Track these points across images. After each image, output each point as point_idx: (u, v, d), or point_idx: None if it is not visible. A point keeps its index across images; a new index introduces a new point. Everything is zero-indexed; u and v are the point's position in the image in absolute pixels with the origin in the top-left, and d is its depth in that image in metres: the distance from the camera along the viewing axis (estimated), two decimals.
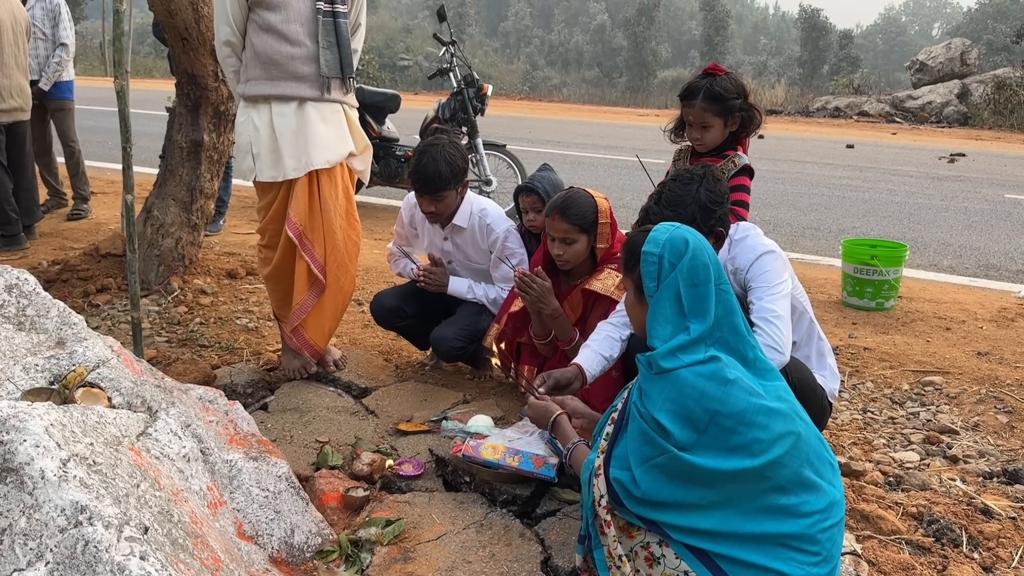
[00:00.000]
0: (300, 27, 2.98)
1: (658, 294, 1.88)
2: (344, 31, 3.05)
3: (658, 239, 1.93)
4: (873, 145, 13.68)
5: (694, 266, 1.88)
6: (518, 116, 17.63)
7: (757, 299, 2.43)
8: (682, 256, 1.89)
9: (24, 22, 5.31)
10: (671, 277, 1.87)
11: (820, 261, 6.02)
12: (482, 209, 3.36)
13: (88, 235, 5.72)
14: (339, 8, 3.03)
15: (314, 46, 3.01)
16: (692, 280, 1.87)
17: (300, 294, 3.19)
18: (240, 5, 2.98)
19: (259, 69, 3.02)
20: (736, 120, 3.03)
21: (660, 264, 1.89)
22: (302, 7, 2.99)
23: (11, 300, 2.14)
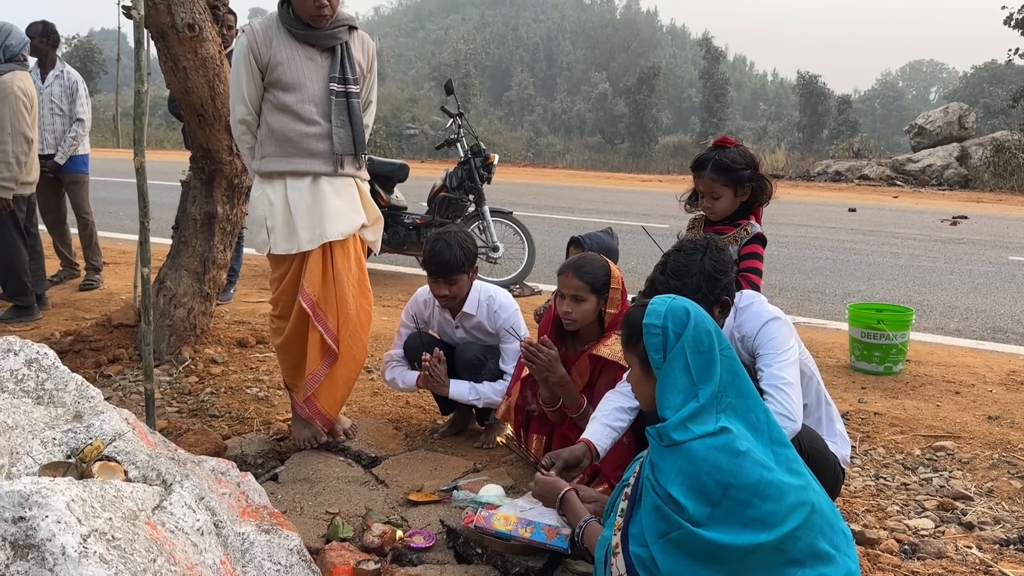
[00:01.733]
0: (314, 107, 3.09)
1: (666, 365, 1.90)
2: (356, 110, 3.16)
3: (658, 311, 1.96)
4: (875, 208, 13.81)
5: (698, 334, 1.91)
6: (523, 182, 17.89)
7: (766, 366, 2.45)
8: (685, 325, 1.92)
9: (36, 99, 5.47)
10: (678, 347, 1.90)
11: (827, 325, 6.04)
12: (489, 296, 3.47)
13: (100, 305, 5.78)
14: (351, 88, 3.14)
15: (328, 125, 3.11)
16: (697, 348, 1.90)
17: (313, 364, 3.22)
18: (256, 86, 3.09)
19: (274, 146, 3.11)
20: (746, 190, 3.11)
21: (664, 335, 1.92)
22: (316, 88, 3.09)
23: (31, 374, 2.17)
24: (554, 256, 8.30)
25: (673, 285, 2.42)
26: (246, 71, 3.07)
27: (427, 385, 3.44)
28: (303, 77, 3.07)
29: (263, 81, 3.09)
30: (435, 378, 3.38)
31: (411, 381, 3.51)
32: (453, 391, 3.40)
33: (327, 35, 3.09)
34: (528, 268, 7.14)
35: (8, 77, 5.05)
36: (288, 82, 3.05)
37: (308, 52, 3.10)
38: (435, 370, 3.37)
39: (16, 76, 5.08)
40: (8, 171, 5.04)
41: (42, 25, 6.10)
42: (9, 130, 5.02)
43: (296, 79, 3.06)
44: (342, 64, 3.13)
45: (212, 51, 4.06)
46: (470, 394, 3.40)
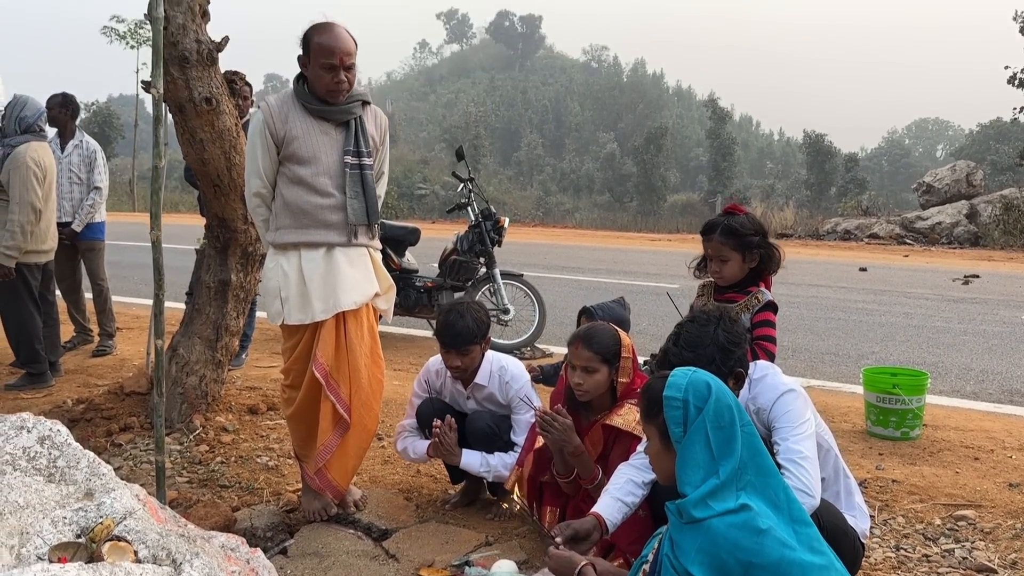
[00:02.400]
0: (329, 179, 3.14)
1: (686, 439, 1.88)
2: (370, 181, 3.21)
3: (679, 384, 1.95)
4: (886, 268, 13.80)
5: (719, 409, 1.90)
6: (533, 242, 18.00)
7: (783, 440, 2.43)
8: (706, 400, 1.91)
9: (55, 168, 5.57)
10: (698, 421, 1.88)
11: (842, 388, 5.98)
12: (501, 367, 3.47)
13: (112, 371, 5.79)
14: (365, 161, 3.20)
15: (342, 196, 3.16)
16: (718, 423, 1.88)
17: (324, 435, 3.21)
18: (272, 159, 3.15)
19: (289, 218, 3.16)
20: (755, 257, 3.13)
21: (685, 409, 1.91)
22: (331, 161, 3.15)
23: (43, 451, 2.17)
24: (565, 318, 8.30)
25: (687, 357, 2.42)
26: (262, 145, 3.13)
27: (438, 454, 3.41)
28: (318, 151, 3.13)
29: (279, 155, 3.15)
30: (446, 447, 3.35)
31: (422, 451, 3.49)
32: (464, 461, 3.37)
33: (342, 110, 3.16)
34: (539, 330, 7.14)
35: (22, 148, 5.17)
36: (303, 156, 3.11)
37: (323, 126, 3.16)
38: (446, 438, 3.34)
39: (30, 147, 5.20)
40: (12, 240, 5.11)
41: (61, 96, 6.26)
42: (17, 199, 5.11)
43: (311, 153, 3.12)
44: (356, 137, 3.19)
45: (229, 123, 4.14)
46: (481, 466, 3.37)
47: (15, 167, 5.13)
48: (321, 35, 3.05)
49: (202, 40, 3.97)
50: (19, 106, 5.29)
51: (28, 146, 5.19)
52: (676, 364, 2.45)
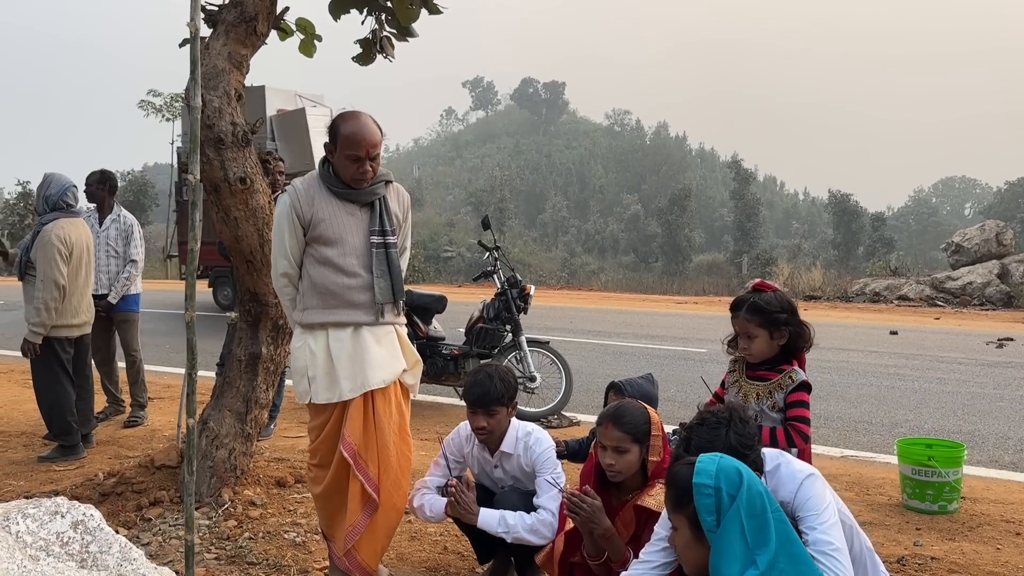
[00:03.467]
0: (355, 259, 3.21)
1: (721, 530, 1.85)
2: (395, 260, 3.28)
3: (708, 470, 1.92)
4: (917, 331, 13.62)
5: (751, 496, 1.87)
6: (558, 306, 18.02)
7: (810, 530, 2.37)
8: (739, 487, 1.88)
9: (91, 243, 5.71)
10: (732, 510, 1.85)
11: (876, 459, 5.86)
12: (527, 432, 3.46)
13: (143, 442, 5.84)
14: (390, 239, 3.28)
15: (369, 276, 3.22)
16: (751, 510, 1.85)
17: (353, 515, 3.20)
18: (299, 241, 3.23)
19: (316, 299, 3.22)
20: (783, 334, 3.12)
21: (717, 496, 1.88)
22: (357, 241, 3.23)
23: (76, 537, 2.19)
24: (591, 384, 8.27)
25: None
26: (289, 228, 3.22)
27: (455, 512, 3.36)
28: (344, 232, 3.21)
29: (305, 237, 3.23)
30: (463, 504, 3.30)
31: (439, 509, 3.42)
32: (482, 520, 3.29)
33: (366, 192, 3.26)
34: (566, 398, 7.11)
35: (49, 227, 5.35)
36: (330, 237, 3.19)
37: (348, 208, 3.25)
38: (462, 496, 3.30)
39: (57, 224, 5.36)
40: (38, 316, 5.23)
41: (100, 174, 6.47)
42: (42, 277, 5.26)
43: (338, 234, 3.20)
44: (381, 217, 3.27)
45: (262, 202, 4.25)
46: (499, 525, 3.28)
47: (41, 245, 5.31)
48: (347, 126, 3.15)
49: (237, 123, 4.11)
50: (45, 185, 5.51)
51: (55, 224, 5.36)
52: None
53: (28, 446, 5.74)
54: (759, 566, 1.80)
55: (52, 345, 5.38)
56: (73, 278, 5.43)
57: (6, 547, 2.02)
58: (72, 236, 5.43)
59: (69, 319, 5.42)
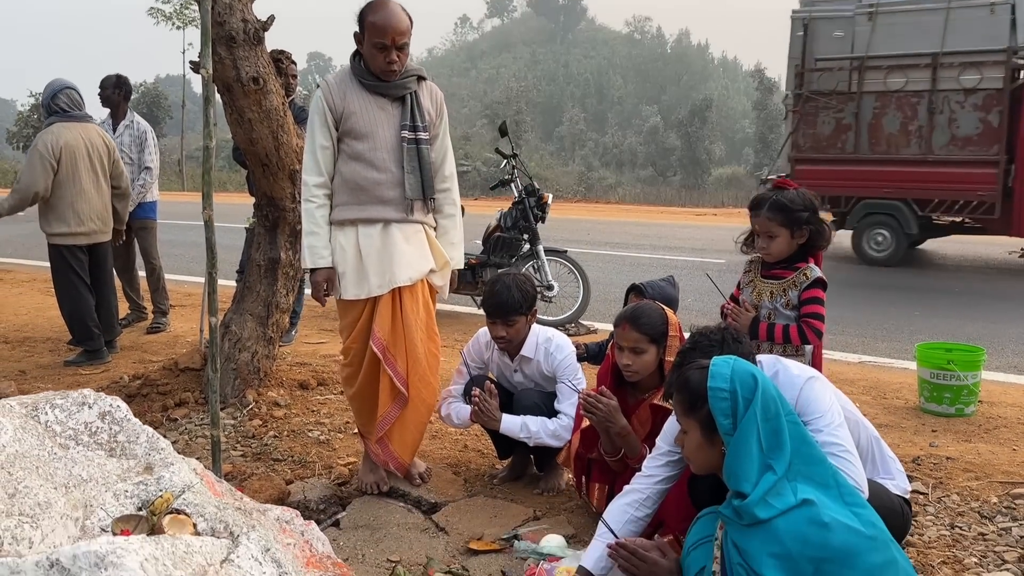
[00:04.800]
0: (386, 154, 3.18)
1: (738, 433, 1.83)
2: (426, 156, 3.23)
3: (723, 374, 1.90)
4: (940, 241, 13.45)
5: (766, 400, 1.86)
6: (576, 218, 17.92)
7: (816, 432, 2.36)
8: (754, 391, 1.86)
9: (104, 148, 5.58)
10: (749, 414, 1.84)
11: (894, 364, 5.87)
12: (547, 338, 3.47)
13: (166, 348, 5.93)
14: (421, 135, 3.22)
15: (399, 172, 3.19)
16: (766, 414, 1.85)
17: (384, 406, 3.28)
18: (331, 137, 3.20)
19: (347, 195, 3.20)
20: (804, 233, 3.07)
21: (734, 400, 1.86)
22: (388, 135, 3.19)
23: (104, 427, 2.23)
24: (609, 294, 8.27)
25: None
26: (320, 122, 3.18)
27: (478, 419, 3.42)
28: (375, 126, 3.17)
29: (337, 131, 3.18)
30: (486, 412, 3.36)
31: (465, 416, 3.50)
32: (504, 426, 3.36)
33: (397, 86, 3.19)
34: (584, 307, 7.12)
35: (41, 134, 5.37)
36: (361, 131, 3.15)
37: (379, 102, 3.20)
38: (485, 404, 3.35)
39: (48, 131, 5.34)
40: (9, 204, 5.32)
41: (115, 78, 6.38)
42: (19, 179, 5.29)
43: (369, 128, 3.16)
44: (412, 112, 3.22)
45: (276, 103, 4.18)
46: (521, 431, 3.36)
47: (29, 151, 5.33)
48: (375, 14, 3.07)
49: (248, 19, 4.00)
50: (43, 92, 5.46)
51: (48, 130, 5.35)
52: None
53: (54, 351, 5.85)
54: (776, 471, 1.80)
55: (63, 253, 5.41)
56: (69, 183, 5.35)
57: (36, 435, 2.06)
58: (63, 141, 5.33)
59: (75, 227, 5.41)
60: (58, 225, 5.37)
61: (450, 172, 3.43)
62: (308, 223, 3.23)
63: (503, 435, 3.44)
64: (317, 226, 3.22)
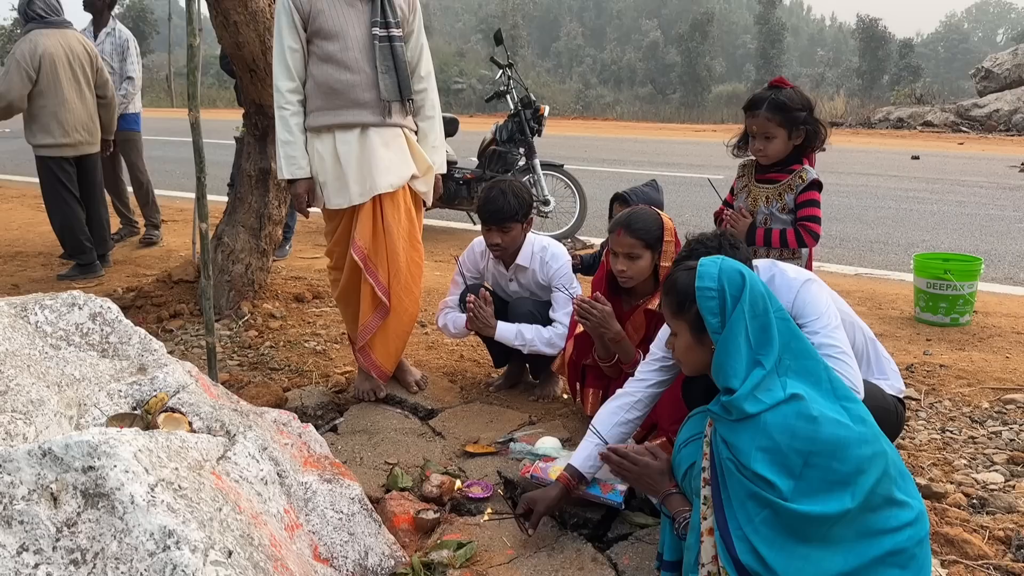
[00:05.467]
0: (359, 54, 3.07)
1: (727, 331, 1.83)
2: (400, 55, 3.12)
3: (711, 273, 1.88)
4: (939, 156, 13.31)
5: (754, 297, 1.85)
6: (573, 135, 17.67)
7: (813, 335, 2.35)
8: (742, 288, 1.85)
9: (85, 56, 5.42)
10: (737, 311, 1.82)
11: (890, 276, 5.87)
12: (543, 247, 3.44)
13: (159, 262, 5.90)
14: (394, 32, 3.11)
15: (373, 72, 3.08)
16: (754, 311, 1.83)
17: (365, 316, 3.26)
18: (299, 39, 3.08)
19: (321, 99, 3.10)
20: (800, 134, 3.00)
21: (721, 298, 1.84)
22: (359, 34, 3.07)
23: (95, 328, 2.21)
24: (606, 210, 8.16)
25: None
26: (287, 23, 3.06)
27: (474, 327, 3.41)
28: (344, 24, 3.05)
29: (306, 31, 3.06)
30: (481, 319, 3.34)
31: (461, 324, 3.49)
32: (499, 333, 3.36)
33: None
34: (580, 222, 7.07)
35: (18, 42, 5.22)
36: (330, 30, 3.04)
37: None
38: (480, 311, 3.33)
39: (26, 39, 5.19)
40: None
41: None
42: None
43: (338, 27, 3.04)
44: (382, 8, 3.10)
45: (262, 4, 4.04)
46: (516, 338, 3.35)
47: (8, 58, 5.18)
48: None
49: None
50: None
51: (25, 38, 5.20)
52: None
53: (46, 266, 5.82)
54: (764, 365, 1.79)
55: (50, 166, 5.32)
56: (51, 93, 5.22)
57: (26, 335, 2.04)
58: (42, 49, 5.17)
59: (60, 138, 5.30)
60: (43, 136, 5.26)
61: (427, 72, 3.32)
62: (283, 132, 3.14)
63: (499, 344, 3.44)
64: (292, 135, 3.13)
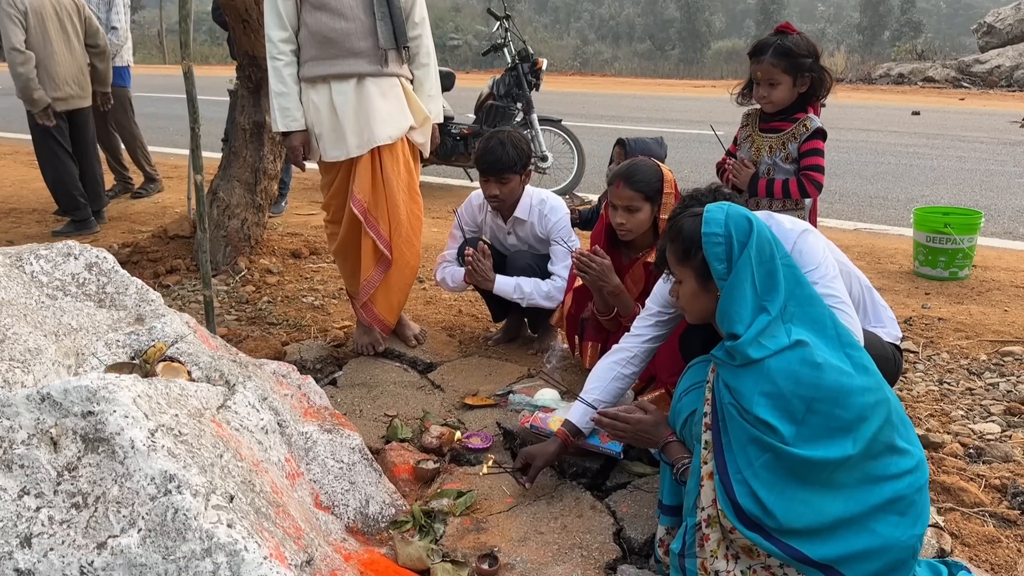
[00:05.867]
0: (353, 1, 3.00)
1: (733, 276, 1.81)
2: (396, 1, 3.05)
3: (718, 219, 1.86)
4: (940, 111, 13.20)
5: (761, 243, 1.83)
6: (571, 91, 17.48)
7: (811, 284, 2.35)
8: (749, 234, 1.82)
9: (72, 7, 5.32)
10: (743, 257, 1.81)
11: (889, 231, 5.85)
12: (541, 200, 3.40)
13: (155, 218, 5.86)
14: None
15: (369, 20, 3.02)
16: (761, 258, 1.82)
17: (367, 270, 3.23)
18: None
19: (316, 49, 3.04)
20: (805, 81, 2.96)
21: (728, 244, 1.82)
22: None
23: (91, 278, 2.20)
24: (604, 166, 8.09)
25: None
26: None
27: (472, 280, 3.37)
28: None
29: None
30: (479, 272, 3.31)
31: (460, 278, 3.45)
32: (497, 286, 3.33)
33: None
34: (578, 178, 7.03)
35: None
36: None
37: None
38: (478, 264, 3.30)
39: None
40: (18, 86, 5.07)
41: None
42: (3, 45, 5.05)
43: None
44: None
45: None
46: (515, 291, 3.33)
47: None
48: None
49: None
50: None
51: None
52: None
53: (41, 222, 5.78)
54: (770, 311, 1.78)
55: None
56: (40, 46, 5.12)
57: (22, 284, 2.02)
58: (27, 1, 5.07)
59: (51, 92, 5.21)
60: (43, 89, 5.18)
61: (420, 18, 3.24)
62: (276, 83, 3.08)
63: (497, 298, 3.43)
64: (286, 86, 3.07)
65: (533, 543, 2.16)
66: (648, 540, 2.16)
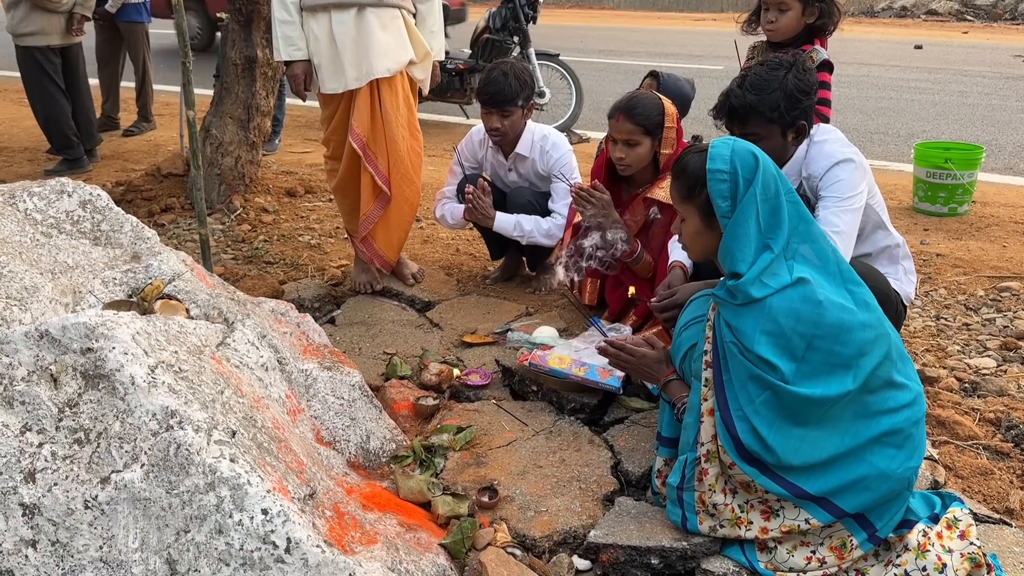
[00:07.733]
0: None
1: (737, 214, 1.78)
2: None
3: (723, 155, 1.82)
4: (943, 45, 12.98)
5: (766, 179, 1.80)
6: (568, 25, 17.12)
7: (823, 208, 2.33)
8: (755, 170, 1.79)
9: None
10: (749, 194, 1.78)
11: (889, 166, 5.80)
12: (543, 136, 3.34)
13: (147, 156, 5.78)
14: None
15: None
16: (765, 194, 1.79)
17: (366, 205, 3.21)
18: None
19: None
20: (814, 11, 2.89)
21: (733, 181, 1.79)
22: None
23: (86, 215, 2.17)
24: (603, 102, 8.02)
25: (750, 100, 2.27)
26: None
27: (472, 217, 3.33)
28: None
29: None
30: (479, 209, 3.27)
31: (459, 215, 3.41)
32: (497, 224, 3.30)
33: None
34: (576, 114, 6.93)
35: None
36: None
37: None
38: (479, 201, 3.25)
39: None
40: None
41: None
42: None
43: None
44: None
45: None
46: (514, 229, 3.30)
47: None
48: None
49: None
50: None
51: None
52: (737, 107, 2.31)
53: (33, 161, 5.71)
54: (773, 249, 1.76)
55: (34, 56, 5.13)
56: None
57: (16, 221, 2.00)
58: None
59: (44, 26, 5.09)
60: (25, 25, 5.06)
61: None
62: (280, 10, 3.02)
63: (496, 236, 3.40)
64: (288, 13, 3.01)
65: (532, 476, 2.19)
66: (645, 473, 2.19)
